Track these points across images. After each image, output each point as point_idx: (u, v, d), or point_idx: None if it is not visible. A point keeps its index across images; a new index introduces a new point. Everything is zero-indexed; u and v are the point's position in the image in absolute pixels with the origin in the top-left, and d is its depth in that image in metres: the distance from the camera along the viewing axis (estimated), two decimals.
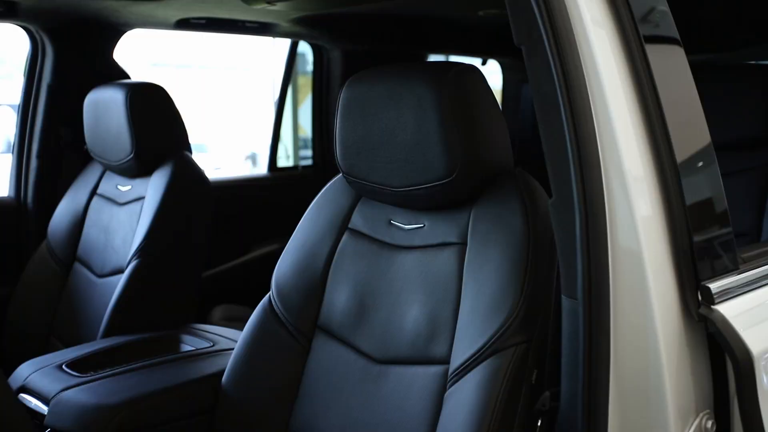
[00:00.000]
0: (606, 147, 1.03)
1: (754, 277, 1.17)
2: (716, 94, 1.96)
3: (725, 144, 1.88)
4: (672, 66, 1.13)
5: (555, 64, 1.02)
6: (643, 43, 1.06)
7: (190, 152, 2.15)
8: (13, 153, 2.46)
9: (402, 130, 1.30)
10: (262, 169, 3.13)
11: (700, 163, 1.10)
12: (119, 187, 2.20)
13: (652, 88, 1.05)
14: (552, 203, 1.07)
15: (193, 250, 2.08)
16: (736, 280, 1.11)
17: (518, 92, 3.82)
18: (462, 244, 1.30)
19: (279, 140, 3.17)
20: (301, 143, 3.45)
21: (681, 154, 1.05)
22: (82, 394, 1.44)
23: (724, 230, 1.12)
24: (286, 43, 3.06)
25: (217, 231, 2.28)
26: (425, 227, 1.36)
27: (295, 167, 3.30)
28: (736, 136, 2.20)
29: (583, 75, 1.03)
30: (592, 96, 1.03)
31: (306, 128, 3.36)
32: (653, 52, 1.07)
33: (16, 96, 2.47)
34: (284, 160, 3.43)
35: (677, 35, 1.15)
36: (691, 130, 1.11)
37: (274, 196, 3.05)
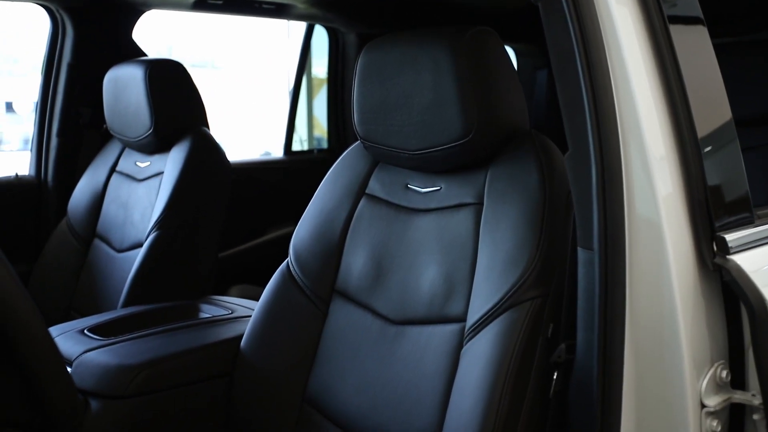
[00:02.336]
0: (622, 99, 1.04)
1: None
2: (734, 69, 1.96)
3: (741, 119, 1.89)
4: (693, 38, 1.14)
5: (572, 20, 1.04)
6: None
7: (208, 128, 2.18)
8: (33, 132, 2.50)
9: (419, 93, 1.32)
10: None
11: (716, 114, 1.11)
12: (138, 163, 2.23)
13: (665, 35, 1.05)
14: (568, 156, 1.09)
15: (212, 223, 2.11)
16: (752, 233, 1.11)
17: (532, 78, 3.82)
18: (478, 204, 1.31)
19: (294, 124, 3.19)
20: (315, 142, 3.46)
21: (695, 101, 1.06)
22: (103, 356, 1.46)
23: (740, 185, 1.13)
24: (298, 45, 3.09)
25: (233, 213, 2.31)
26: (442, 190, 1.37)
27: (310, 151, 3.32)
28: (753, 112, 2.20)
29: (600, 29, 1.04)
30: (608, 48, 1.04)
31: (320, 121, 3.38)
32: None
33: (32, 95, 2.50)
34: (298, 145, 3.45)
35: None
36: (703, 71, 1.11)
37: (289, 180, 3.08)
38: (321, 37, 3.21)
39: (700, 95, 1.08)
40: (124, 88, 2.15)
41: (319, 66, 3.35)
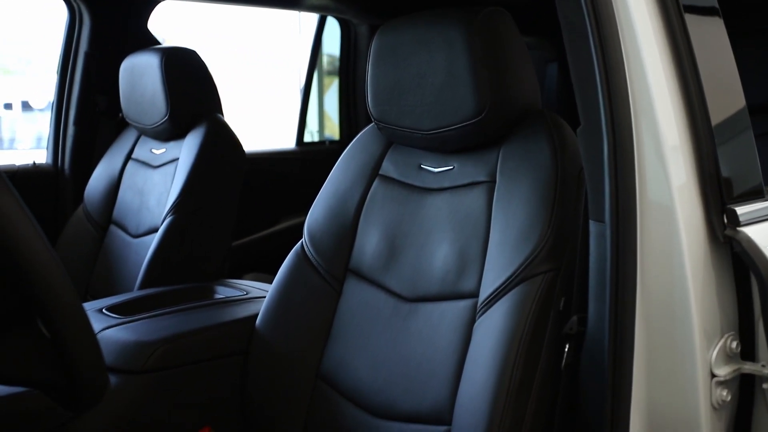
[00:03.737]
0: (633, 73, 1.06)
1: None
2: (748, 55, 1.96)
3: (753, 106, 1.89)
4: (703, 10, 1.15)
5: None
6: None
7: (223, 115, 2.20)
8: (51, 121, 2.53)
9: (432, 73, 1.34)
10: None
11: (726, 88, 1.13)
12: (153, 150, 2.26)
13: (676, 8, 1.07)
14: (580, 131, 1.10)
15: (227, 208, 2.14)
16: (763, 207, 1.13)
17: (543, 71, 3.84)
18: (491, 182, 1.33)
19: (306, 115, 3.21)
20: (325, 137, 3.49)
21: (706, 74, 1.08)
22: (122, 333, 1.49)
23: (751, 160, 1.14)
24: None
25: (246, 203, 2.34)
26: (454, 169, 1.39)
27: (322, 142, 3.35)
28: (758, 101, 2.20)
29: (611, 4, 1.06)
30: (619, 23, 1.06)
31: (331, 117, 3.40)
32: None
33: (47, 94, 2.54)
34: (309, 138, 3.47)
35: None
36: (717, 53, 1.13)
37: (301, 170, 3.10)
38: (333, 37, 3.24)
39: (711, 67, 1.09)
40: (140, 76, 2.18)
41: (331, 64, 3.38)
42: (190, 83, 2.16)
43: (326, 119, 3.47)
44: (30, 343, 0.89)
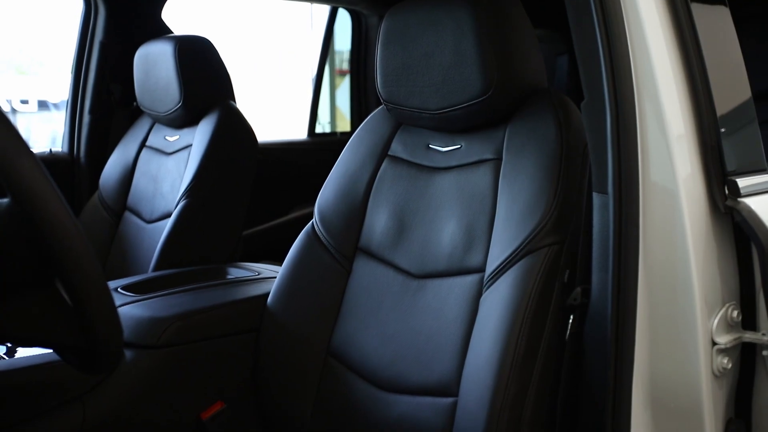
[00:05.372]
0: (636, 48, 1.08)
1: None
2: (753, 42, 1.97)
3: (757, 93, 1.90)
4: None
5: None
6: None
7: (235, 102, 2.24)
8: (66, 110, 2.58)
9: (440, 53, 1.36)
10: None
11: (728, 61, 1.15)
12: (167, 138, 2.30)
13: None
14: (584, 104, 1.13)
15: (239, 193, 2.17)
16: (763, 180, 1.14)
17: (553, 63, 3.85)
18: (497, 159, 1.35)
19: (318, 107, 3.25)
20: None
21: (708, 47, 1.10)
22: (137, 309, 1.53)
23: (753, 134, 1.16)
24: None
25: (257, 192, 2.37)
26: (462, 148, 1.42)
27: (333, 133, 3.38)
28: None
29: None
30: None
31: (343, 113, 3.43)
32: None
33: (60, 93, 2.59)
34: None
35: None
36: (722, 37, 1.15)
37: (313, 161, 3.13)
38: (343, 39, 3.26)
39: (712, 40, 1.11)
40: (154, 64, 2.22)
41: (341, 65, 3.41)
42: (203, 70, 2.20)
43: (338, 118, 3.50)
44: (49, 305, 0.93)
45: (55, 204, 0.84)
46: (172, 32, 2.57)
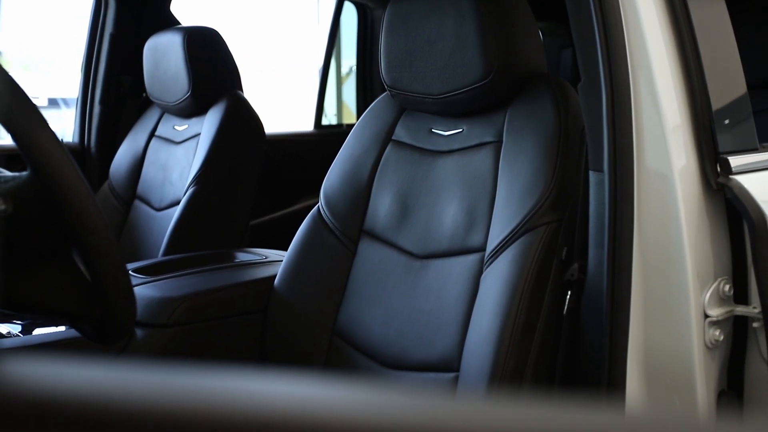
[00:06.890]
0: (631, 31, 1.12)
1: None
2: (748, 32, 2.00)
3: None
4: None
5: None
6: None
7: (243, 92, 2.28)
8: (77, 101, 2.63)
9: (442, 38, 1.40)
10: None
11: (722, 44, 1.18)
12: (176, 127, 2.35)
13: None
14: (581, 86, 1.17)
15: (247, 181, 2.22)
16: (755, 159, 1.18)
17: (557, 57, 3.88)
18: (498, 142, 1.39)
19: (324, 98, 3.28)
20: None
21: (701, 31, 1.13)
22: (147, 290, 1.57)
23: (745, 114, 1.20)
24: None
25: (264, 183, 2.41)
26: (464, 132, 1.46)
27: (339, 125, 3.42)
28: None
29: None
30: None
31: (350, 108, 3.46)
32: None
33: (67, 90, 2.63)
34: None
35: None
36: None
37: (319, 153, 3.16)
38: (349, 39, 3.30)
39: (706, 23, 1.15)
40: (163, 55, 2.27)
41: (347, 65, 3.45)
42: (211, 60, 2.24)
43: (345, 114, 3.54)
44: (66, 275, 0.97)
45: (72, 176, 0.88)
46: (180, 24, 2.61)
